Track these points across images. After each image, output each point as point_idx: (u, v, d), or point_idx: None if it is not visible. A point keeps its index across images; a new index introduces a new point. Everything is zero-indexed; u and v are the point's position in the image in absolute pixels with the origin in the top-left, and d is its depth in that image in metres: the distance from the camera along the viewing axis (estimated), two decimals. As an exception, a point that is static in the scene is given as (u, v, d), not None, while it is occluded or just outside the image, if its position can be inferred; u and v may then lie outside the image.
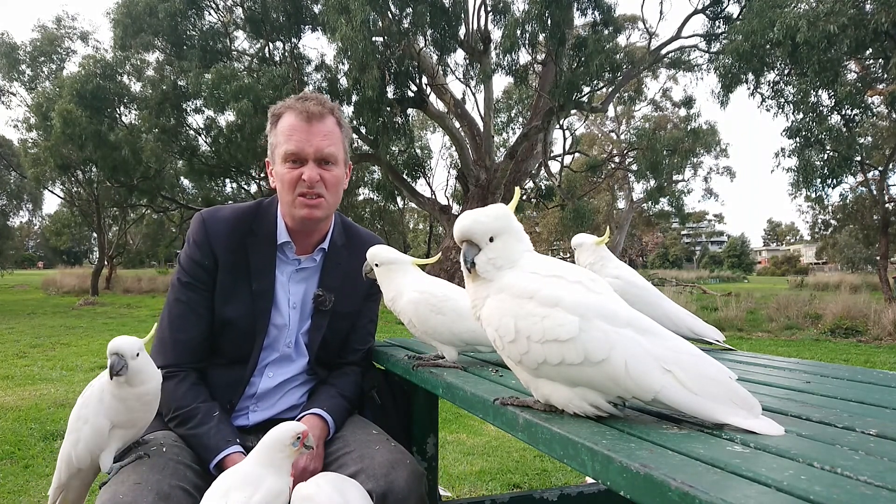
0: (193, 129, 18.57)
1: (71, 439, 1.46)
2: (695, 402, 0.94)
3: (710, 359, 1.00)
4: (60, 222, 38.87)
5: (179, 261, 1.73)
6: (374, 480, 1.42)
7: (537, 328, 1.01)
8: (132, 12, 15.91)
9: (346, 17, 12.79)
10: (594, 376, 0.98)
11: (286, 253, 1.76)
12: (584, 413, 1.03)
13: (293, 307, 1.75)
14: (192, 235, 1.71)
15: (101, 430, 1.43)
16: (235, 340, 1.68)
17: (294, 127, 1.66)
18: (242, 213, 1.76)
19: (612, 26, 14.88)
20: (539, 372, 1.04)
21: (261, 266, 1.70)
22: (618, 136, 34.02)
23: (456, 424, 4.71)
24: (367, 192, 29.63)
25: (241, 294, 1.68)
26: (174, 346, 1.66)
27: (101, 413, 1.43)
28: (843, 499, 0.65)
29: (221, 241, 1.69)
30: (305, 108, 1.66)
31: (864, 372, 1.57)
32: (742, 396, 0.96)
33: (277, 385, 1.74)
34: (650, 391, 0.95)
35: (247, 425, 1.72)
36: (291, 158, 1.66)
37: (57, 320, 13.31)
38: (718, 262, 71.42)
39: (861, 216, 19.95)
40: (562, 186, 19.34)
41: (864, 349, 9.31)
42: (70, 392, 5.66)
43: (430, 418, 2.01)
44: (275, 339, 1.73)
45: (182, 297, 1.69)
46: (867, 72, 13.51)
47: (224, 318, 1.68)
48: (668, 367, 0.95)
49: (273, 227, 1.74)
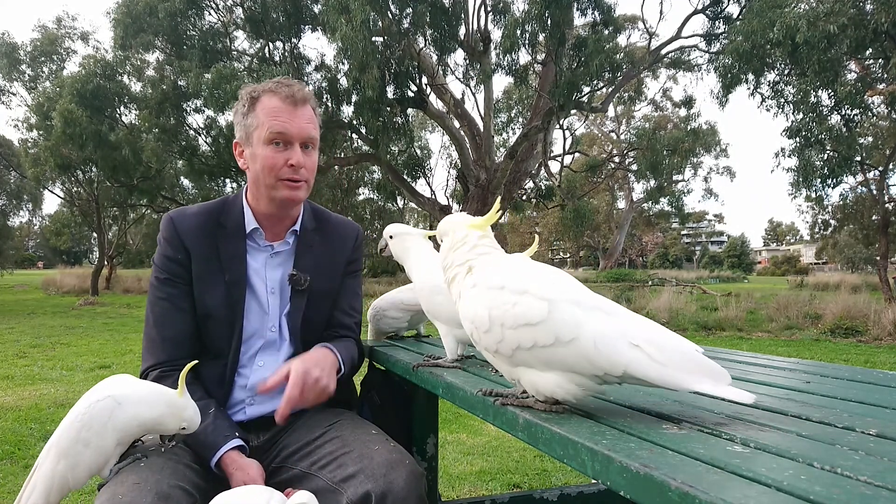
0: (193, 129, 18.58)
1: (68, 463, 1.37)
2: (664, 372, 0.97)
3: (676, 334, 1.03)
4: (60, 222, 38.92)
5: (154, 261, 1.73)
6: (373, 481, 1.41)
7: (509, 315, 1.06)
8: (132, 12, 15.91)
9: (346, 17, 12.79)
10: (567, 356, 1.02)
11: (256, 240, 1.76)
12: (574, 397, 1.06)
13: (272, 292, 1.76)
14: (163, 233, 1.72)
15: (107, 452, 1.39)
16: (216, 332, 1.69)
17: (279, 108, 1.65)
18: (209, 208, 1.77)
19: (612, 26, 14.88)
20: (515, 359, 1.08)
21: (231, 256, 1.71)
22: (618, 136, 34.06)
23: (456, 424, 4.71)
24: (367, 192, 29.69)
25: (216, 285, 1.69)
26: (163, 344, 1.65)
27: (110, 436, 1.38)
28: (844, 499, 0.65)
29: (191, 234, 1.70)
30: (291, 93, 1.66)
31: (864, 372, 1.57)
32: (709, 367, 0.99)
33: (270, 375, 1.73)
34: (620, 365, 0.98)
35: (244, 420, 1.71)
36: (277, 139, 1.65)
37: (57, 320, 13.32)
38: (718, 262, 71.45)
39: (861, 216, 19.95)
40: (562, 186, 19.35)
41: (864, 349, 9.31)
42: (70, 392, 5.66)
43: (430, 418, 2.01)
44: (257, 326, 1.73)
45: (162, 294, 1.69)
46: (867, 72, 13.50)
47: (204, 310, 1.68)
48: (636, 343, 0.99)
49: (241, 217, 1.75)
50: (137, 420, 1.40)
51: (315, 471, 1.54)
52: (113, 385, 1.42)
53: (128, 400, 1.40)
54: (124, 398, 1.39)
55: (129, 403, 1.39)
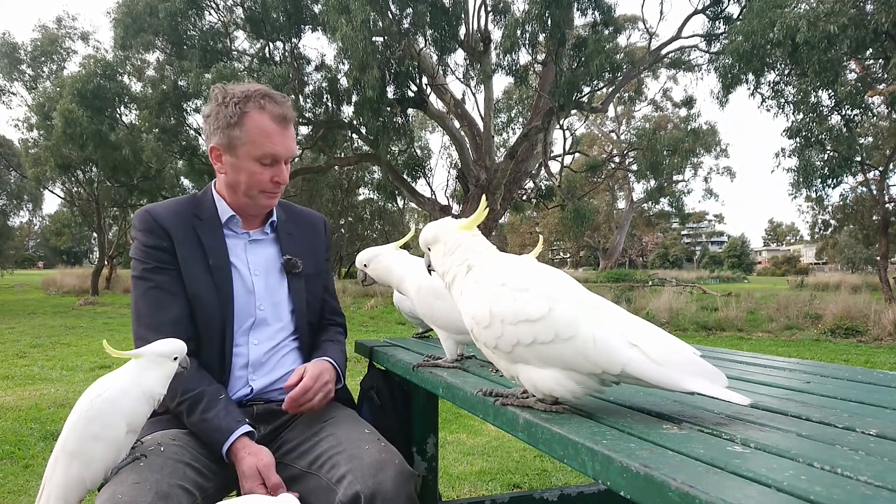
0: (193, 129, 18.56)
1: (81, 462, 1.37)
2: (661, 372, 0.98)
3: (674, 337, 1.05)
4: (60, 222, 38.94)
5: (135, 256, 1.73)
6: (363, 481, 1.44)
7: (510, 310, 1.07)
8: (133, 12, 15.91)
9: (347, 17, 12.79)
10: (565, 353, 1.02)
11: (233, 228, 1.81)
12: (572, 395, 1.06)
13: (255, 274, 1.80)
14: (141, 225, 1.72)
15: (118, 442, 1.39)
16: (208, 313, 1.70)
17: (272, 130, 1.69)
18: (182, 202, 1.82)
19: (612, 26, 14.88)
20: (514, 356, 1.09)
21: (213, 243, 1.75)
22: (618, 137, 34.06)
23: (456, 424, 4.71)
24: (367, 192, 29.71)
25: (202, 269, 1.72)
26: (159, 330, 1.60)
27: (119, 425, 1.37)
28: (844, 499, 0.65)
29: (170, 222, 1.72)
30: (282, 113, 1.70)
31: (864, 372, 1.57)
32: (707, 368, 0.99)
33: (267, 352, 1.78)
34: (618, 364, 0.99)
35: (249, 395, 1.74)
36: (269, 161, 1.70)
37: (57, 320, 13.32)
38: (718, 262, 71.44)
39: (861, 216, 19.94)
40: (562, 186, 19.34)
41: (864, 349, 9.31)
42: (70, 392, 5.66)
43: (430, 418, 2.01)
44: (245, 306, 1.76)
45: (152, 283, 1.68)
46: (867, 72, 13.49)
47: (193, 293, 1.70)
48: (634, 342, 1.00)
49: (214, 208, 1.79)
50: (143, 392, 1.41)
51: (314, 469, 1.58)
52: (107, 379, 1.43)
53: (125, 380, 1.41)
54: (122, 384, 1.41)
55: (129, 384, 1.41)
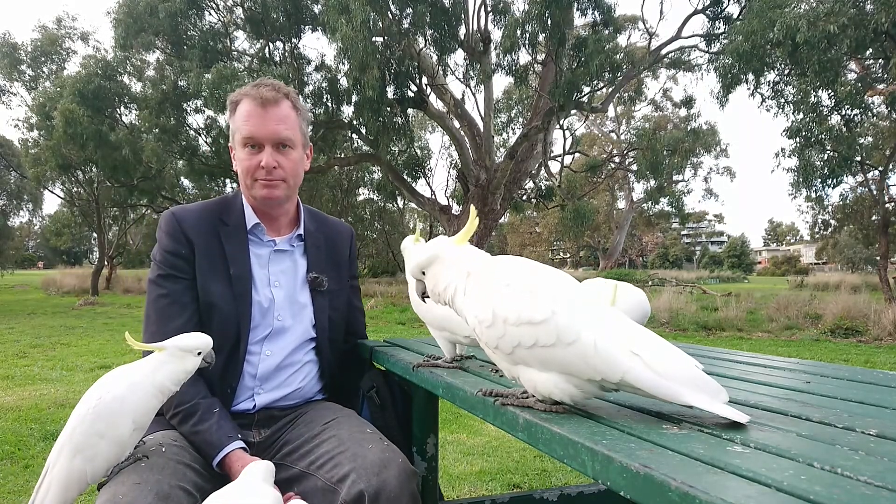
0: (193, 129, 18.57)
1: (85, 456, 1.37)
2: (661, 383, 0.97)
3: (677, 348, 1.04)
4: (60, 222, 38.91)
5: (154, 258, 1.74)
6: (366, 480, 1.44)
7: (513, 311, 1.06)
8: (133, 12, 15.91)
9: (346, 17, 12.79)
10: (566, 357, 1.02)
11: (258, 236, 1.81)
12: (571, 399, 1.06)
13: (275, 286, 1.79)
14: (164, 228, 1.73)
15: (123, 440, 1.39)
16: (222, 324, 1.70)
17: (250, 112, 1.71)
18: (211, 206, 1.81)
19: (612, 26, 14.88)
20: (515, 357, 1.08)
21: (235, 252, 1.75)
22: (618, 137, 34.05)
23: (456, 424, 4.71)
24: (367, 192, 29.70)
25: (221, 278, 1.71)
26: (166, 337, 1.60)
27: (125, 423, 1.37)
28: (844, 499, 0.65)
29: (194, 229, 1.72)
30: (260, 94, 1.71)
31: (864, 372, 1.57)
32: (707, 383, 0.99)
33: (278, 365, 1.76)
34: (618, 371, 0.98)
35: (251, 409, 1.72)
36: (248, 143, 1.71)
37: (57, 320, 13.32)
38: (718, 262, 71.38)
39: (861, 216, 19.94)
40: (562, 186, 19.36)
41: (864, 349, 9.30)
42: (70, 392, 5.66)
43: (430, 418, 2.01)
44: (262, 316, 1.75)
45: (163, 290, 1.69)
46: (867, 72, 13.49)
47: (208, 302, 1.69)
48: (636, 351, 0.99)
49: (241, 214, 1.80)
50: (155, 386, 1.41)
51: (313, 470, 1.57)
52: (121, 372, 1.43)
53: (139, 374, 1.41)
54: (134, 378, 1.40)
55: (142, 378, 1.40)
